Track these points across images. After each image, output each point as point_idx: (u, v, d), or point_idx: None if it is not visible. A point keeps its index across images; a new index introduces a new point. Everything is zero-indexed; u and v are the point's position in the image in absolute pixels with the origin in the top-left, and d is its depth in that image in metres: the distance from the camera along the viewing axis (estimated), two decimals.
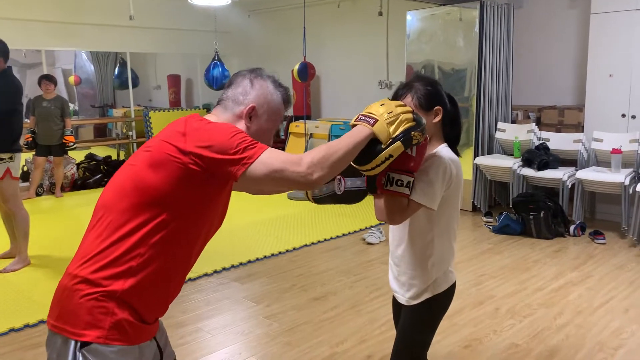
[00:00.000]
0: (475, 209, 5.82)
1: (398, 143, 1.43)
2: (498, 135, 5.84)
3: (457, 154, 1.79)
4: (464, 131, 5.85)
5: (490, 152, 5.91)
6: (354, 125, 1.46)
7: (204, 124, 1.37)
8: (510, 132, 5.76)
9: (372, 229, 4.90)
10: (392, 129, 1.43)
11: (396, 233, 1.85)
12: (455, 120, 1.81)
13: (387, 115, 1.44)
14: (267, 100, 1.50)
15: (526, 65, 6.10)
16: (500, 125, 5.87)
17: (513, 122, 6.03)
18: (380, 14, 6.92)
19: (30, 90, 9.01)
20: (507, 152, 5.81)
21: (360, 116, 1.46)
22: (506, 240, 4.85)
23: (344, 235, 4.99)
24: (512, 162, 5.41)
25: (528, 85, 6.12)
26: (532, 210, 4.89)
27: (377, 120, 1.43)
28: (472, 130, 5.82)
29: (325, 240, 4.86)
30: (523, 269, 4.14)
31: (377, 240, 4.74)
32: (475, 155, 5.79)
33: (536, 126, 5.65)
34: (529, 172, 5.29)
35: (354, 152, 1.39)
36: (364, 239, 4.79)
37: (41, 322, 3.21)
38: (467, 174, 5.81)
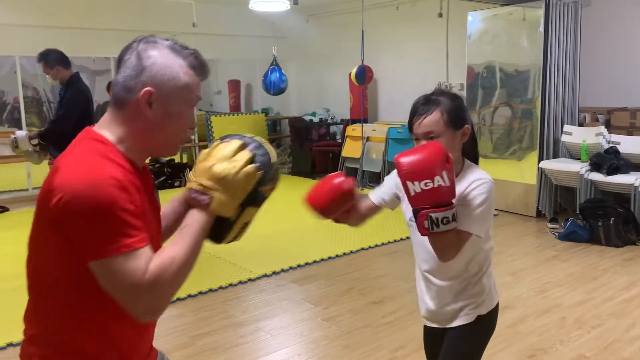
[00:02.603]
0: (539, 214, 5.63)
1: (249, 209, 1.17)
2: (564, 138, 5.63)
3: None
4: (527, 134, 5.69)
5: (555, 156, 5.69)
6: (191, 195, 1.13)
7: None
8: (577, 135, 5.53)
9: None
10: (235, 194, 1.12)
11: (436, 266, 1.65)
12: (473, 138, 1.66)
13: (223, 179, 1.10)
14: (167, 75, 1.12)
15: (594, 66, 5.84)
16: (567, 128, 5.65)
17: (580, 124, 5.78)
18: (440, 15, 6.83)
19: (99, 96, 9.44)
20: (573, 156, 5.58)
21: (192, 191, 1.13)
22: (572, 248, 4.65)
23: (402, 239, 4.94)
24: (579, 167, 5.20)
25: (597, 86, 5.86)
26: (601, 217, 4.67)
27: (212, 197, 1.10)
28: (536, 133, 5.63)
29: (383, 244, 4.83)
30: (591, 277, 3.96)
31: None
32: (540, 159, 5.59)
33: (605, 129, 5.39)
34: (597, 176, 5.06)
35: (197, 251, 1.10)
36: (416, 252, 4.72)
37: None
38: (532, 178, 5.63)
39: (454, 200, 1.44)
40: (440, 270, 1.64)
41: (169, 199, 1.36)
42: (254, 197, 1.16)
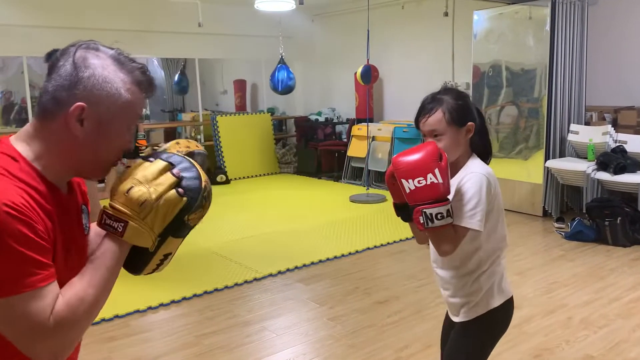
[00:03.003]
0: (546, 214, 5.60)
1: (170, 240, 1.01)
2: (571, 137, 5.60)
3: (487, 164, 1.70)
4: (533, 133, 5.66)
5: (562, 155, 5.67)
6: (104, 221, 0.99)
7: None
8: (583, 134, 5.50)
9: None
10: (153, 223, 0.97)
11: (438, 257, 1.71)
12: (483, 132, 1.69)
13: (140, 205, 0.95)
14: (106, 90, 0.97)
15: (601, 64, 5.81)
16: (573, 127, 5.63)
17: (587, 123, 5.76)
18: (446, 14, 6.81)
19: None
20: (580, 155, 5.55)
21: (105, 217, 0.98)
22: (579, 247, 4.63)
23: (407, 239, 4.93)
24: (585, 166, 5.17)
25: (603, 85, 5.83)
26: (608, 216, 4.65)
27: (127, 223, 0.96)
28: (542, 132, 5.61)
29: (388, 243, 4.82)
30: (598, 277, 3.95)
31: None
32: (546, 158, 5.57)
33: (612, 128, 5.37)
34: (604, 176, 5.03)
35: (110, 285, 0.98)
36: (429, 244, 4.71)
37: (116, 316, 3.37)
38: (538, 177, 5.61)
39: (450, 197, 1.50)
40: (440, 261, 1.72)
41: None
42: (177, 227, 1.00)
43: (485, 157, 1.70)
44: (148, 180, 0.97)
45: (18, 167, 0.94)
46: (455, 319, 1.74)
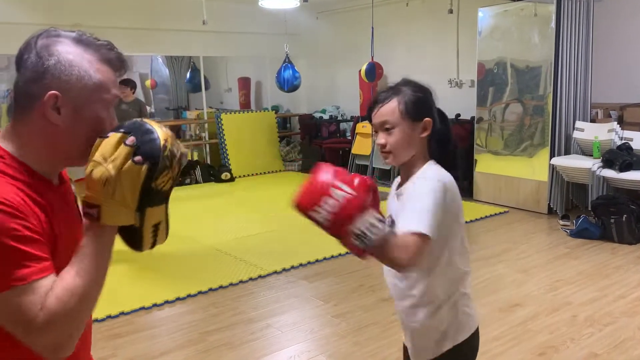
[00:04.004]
0: (551, 211, 5.59)
1: (150, 210, 0.97)
2: (576, 134, 5.58)
3: (457, 177, 1.53)
4: (538, 130, 5.64)
5: (567, 152, 5.65)
6: (84, 210, 0.96)
7: None
8: (589, 132, 5.48)
9: None
10: (123, 199, 0.93)
11: (391, 282, 1.53)
12: (446, 141, 1.48)
13: (104, 185, 0.92)
14: (74, 74, 0.96)
15: (607, 61, 5.78)
16: (579, 124, 5.60)
17: (592, 121, 5.73)
18: (451, 11, 6.78)
19: None
20: (585, 152, 5.53)
21: (84, 205, 0.96)
22: (584, 245, 4.62)
23: None
24: (591, 163, 5.15)
25: (609, 83, 5.80)
26: (614, 214, 4.63)
27: (99, 206, 0.93)
28: (547, 129, 5.59)
29: None
30: (603, 275, 3.93)
31: None
32: (552, 155, 5.55)
33: (618, 125, 5.34)
34: (610, 173, 5.01)
35: (101, 272, 0.95)
36: None
37: (122, 313, 3.38)
38: (543, 175, 5.60)
39: (391, 214, 1.39)
40: (393, 288, 1.54)
41: (179, 197, 1.33)
42: (149, 196, 0.95)
43: (449, 169, 1.46)
44: (105, 157, 0.92)
45: (5, 164, 0.94)
46: (416, 353, 1.53)
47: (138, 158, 0.92)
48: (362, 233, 1.16)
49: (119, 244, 1.00)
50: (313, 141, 8.60)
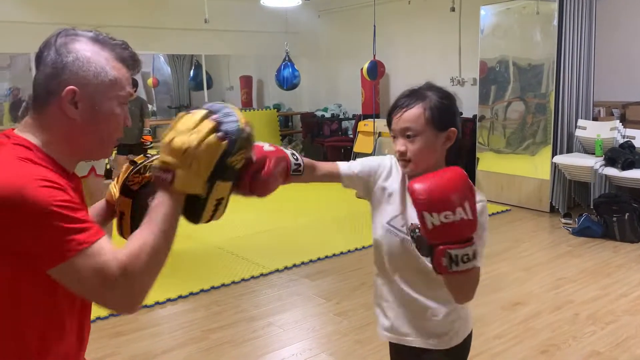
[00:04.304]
0: (553, 210, 5.58)
1: (219, 184, 1.03)
2: (578, 133, 5.57)
3: None
4: (541, 128, 5.64)
5: (569, 150, 5.64)
6: (156, 174, 1.02)
7: None
8: (591, 130, 5.47)
9: None
10: (198, 169, 0.99)
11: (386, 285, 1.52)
12: (462, 148, 1.45)
13: (183, 153, 0.98)
14: (92, 70, 1.00)
15: (610, 59, 5.77)
16: (581, 122, 5.59)
17: (595, 119, 5.72)
18: (453, 9, 6.78)
19: None
20: (587, 150, 5.52)
21: (156, 170, 1.02)
22: (586, 243, 4.61)
23: None
24: (593, 162, 5.15)
25: (612, 81, 5.79)
26: (616, 212, 4.63)
27: (174, 172, 0.98)
28: (550, 128, 5.58)
29: None
30: (605, 273, 3.93)
31: None
32: (554, 154, 5.55)
33: (620, 123, 5.33)
34: (612, 171, 5.00)
35: (168, 233, 1.00)
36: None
37: None
38: (545, 173, 5.59)
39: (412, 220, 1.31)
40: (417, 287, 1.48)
41: None
42: (222, 170, 1.02)
43: None
44: (189, 129, 1.00)
45: (35, 155, 0.98)
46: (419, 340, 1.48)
47: (220, 134, 1.00)
48: (455, 259, 1.16)
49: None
50: (315, 139, 8.60)
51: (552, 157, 5.52)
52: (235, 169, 1.05)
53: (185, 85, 11.61)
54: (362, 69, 7.47)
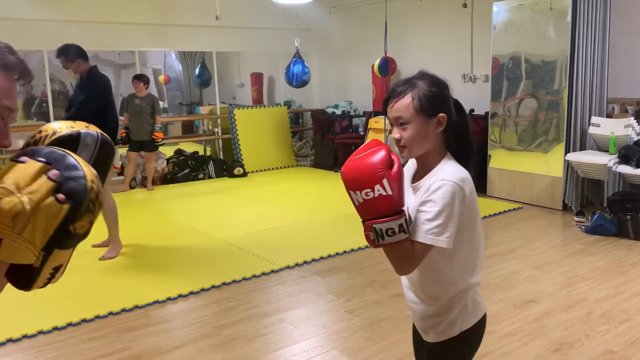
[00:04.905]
0: (565, 208, 5.54)
1: (57, 252, 0.86)
2: (592, 130, 5.52)
3: (466, 167, 1.47)
4: (553, 125, 5.59)
5: (582, 148, 5.59)
6: None
7: None
8: (605, 127, 5.42)
9: None
10: (32, 237, 0.82)
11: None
12: (463, 133, 1.47)
13: (14, 218, 0.80)
14: None
15: (624, 56, 5.71)
16: (595, 119, 5.54)
17: (609, 116, 5.66)
18: (465, 5, 6.74)
19: (124, 89, 9.56)
20: (601, 148, 5.47)
21: None
22: (600, 242, 4.57)
23: None
24: (607, 159, 5.09)
25: (626, 77, 5.73)
26: (630, 210, 4.58)
27: (1, 239, 0.82)
28: (562, 125, 5.53)
29: None
30: (619, 272, 3.89)
31: None
32: (567, 151, 5.50)
33: (635, 120, 5.27)
34: (626, 169, 4.95)
35: None
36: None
37: (136, 307, 3.41)
38: (558, 171, 5.55)
39: (415, 202, 1.39)
40: (408, 280, 1.58)
41: (193, 192, 1.32)
42: (62, 238, 0.84)
43: (465, 161, 1.47)
44: (20, 187, 0.81)
45: None
46: (426, 339, 1.58)
47: (61, 196, 0.81)
48: (380, 232, 1.28)
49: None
50: (325, 136, 8.60)
51: (565, 154, 5.47)
52: (80, 235, 0.87)
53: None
54: (373, 66, 7.45)
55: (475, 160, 1.52)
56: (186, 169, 7.75)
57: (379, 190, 1.27)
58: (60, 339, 3.05)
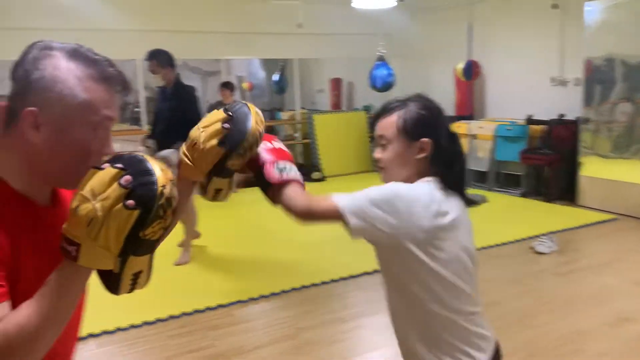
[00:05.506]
0: None
1: (132, 259, 0.87)
2: None
3: (470, 201, 1.34)
4: None
5: None
6: (62, 244, 0.87)
7: None
8: None
9: (543, 237, 4.57)
10: (106, 243, 0.84)
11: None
12: (454, 160, 1.34)
13: (89, 224, 0.83)
14: (56, 91, 0.89)
15: None
16: None
17: None
18: (555, 6, 6.44)
19: (210, 96, 9.95)
20: None
21: (62, 239, 0.87)
22: None
23: (509, 242, 4.72)
24: None
25: None
26: None
27: (80, 245, 0.84)
28: None
29: (489, 246, 4.64)
30: None
31: (549, 249, 4.40)
32: None
33: None
34: None
35: (60, 314, 0.87)
36: (533, 248, 4.48)
37: (220, 305, 3.53)
38: None
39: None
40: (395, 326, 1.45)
41: None
42: (135, 245, 0.85)
43: (456, 188, 1.32)
44: (95, 194, 0.83)
45: None
46: None
47: (130, 202, 0.82)
48: (283, 167, 1.21)
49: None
50: None
51: None
52: (151, 241, 0.87)
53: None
54: (456, 69, 7.29)
55: (563, 167, 1.37)
56: None
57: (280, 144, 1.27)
58: (149, 333, 3.21)
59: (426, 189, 1.27)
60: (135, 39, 7.12)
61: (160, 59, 4.30)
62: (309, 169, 8.18)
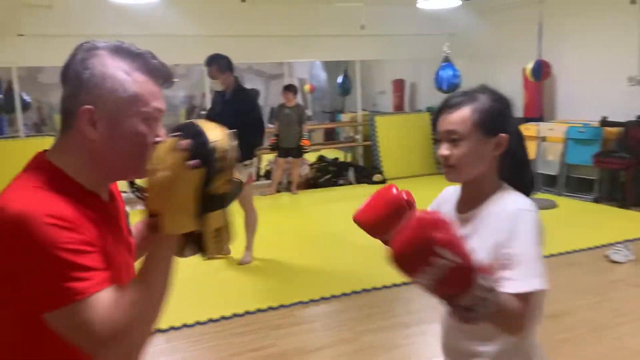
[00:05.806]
0: None
1: (209, 215, 0.94)
2: None
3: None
4: None
5: None
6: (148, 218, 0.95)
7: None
8: None
9: (618, 245, 4.33)
10: (180, 207, 0.91)
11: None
12: (521, 158, 1.28)
13: (162, 192, 0.90)
14: (107, 86, 0.94)
15: None
16: None
17: None
18: (633, 2, 6.10)
19: (273, 98, 10.11)
20: None
21: (148, 217, 0.95)
22: None
23: (581, 250, 4.50)
24: None
25: None
26: None
27: (161, 217, 0.92)
28: None
29: (559, 253, 4.43)
30: None
31: (624, 258, 4.16)
32: None
33: None
34: None
35: (163, 284, 0.93)
36: (608, 256, 4.25)
37: (282, 306, 3.56)
38: None
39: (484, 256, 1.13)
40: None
41: (333, 197, 1.31)
42: (207, 201, 0.92)
43: (526, 194, 1.27)
44: (160, 162, 0.90)
45: (55, 180, 0.93)
46: None
47: (192, 162, 0.89)
48: (471, 307, 1.01)
49: None
50: None
51: None
52: (220, 195, 0.93)
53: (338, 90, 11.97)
54: (524, 69, 7.04)
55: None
56: (327, 175, 7.95)
57: (443, 264, 0.97)
58: (214, 330, 3.29)
59: (531, 205, 1.22)
60: (201, 44, 7.31)
61: (219, 64, 4.32)
62: (370, 170, 8.13)
